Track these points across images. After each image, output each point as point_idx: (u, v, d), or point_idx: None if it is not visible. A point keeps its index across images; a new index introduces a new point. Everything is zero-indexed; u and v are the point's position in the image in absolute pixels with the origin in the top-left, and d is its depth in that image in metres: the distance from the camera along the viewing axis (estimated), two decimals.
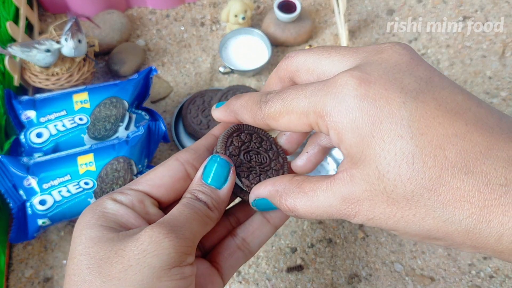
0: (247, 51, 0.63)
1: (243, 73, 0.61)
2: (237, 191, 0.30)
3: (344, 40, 0.60)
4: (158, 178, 0.27)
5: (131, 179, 0.47)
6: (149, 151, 0.51)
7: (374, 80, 0.20)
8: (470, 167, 0.19)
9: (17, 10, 0.59)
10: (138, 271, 0.22)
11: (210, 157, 0.27)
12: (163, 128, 0.52)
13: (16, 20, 0.58)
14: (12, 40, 0.56)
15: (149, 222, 0.25)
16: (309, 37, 0.67)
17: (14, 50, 0.50)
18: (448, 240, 0.20)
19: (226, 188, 0.27)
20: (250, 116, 0.26)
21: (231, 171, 0.27)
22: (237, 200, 0.32)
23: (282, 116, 0.24)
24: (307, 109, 0.22)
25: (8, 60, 0.52)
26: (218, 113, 0.29)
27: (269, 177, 0.29)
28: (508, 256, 0.19)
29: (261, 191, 0.27)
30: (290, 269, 0.49)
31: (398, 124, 0.19)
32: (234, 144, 0.29)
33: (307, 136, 0.31)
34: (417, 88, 0.20)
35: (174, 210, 0.25)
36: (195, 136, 0.57)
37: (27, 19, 0.61)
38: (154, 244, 0.23)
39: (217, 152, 0.29)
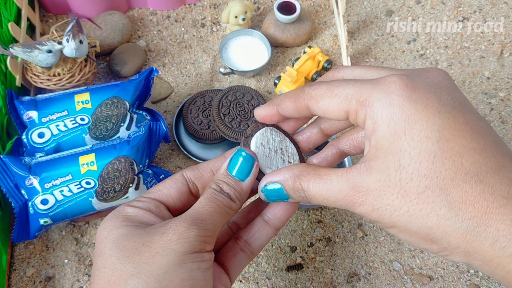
0: (247, 52, 0.63)
1: (243, 73, 0.62)
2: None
3: (343, 41, 0.61)
4: (167, 189, 0.30)
5: (132, 179, 0.47)
6: (150, 151, 0.51)
7: (419, 87, 0.23)
8: (480, 177, 0.21)
9: (18, 11, 0.60)
10: (164, 255, 0.25)
11: (235, 151, 0.29)
12: (164, 128, 0.53)
13: (17, 21, 0.59)
14: (14, 40, 0.56)
15: None
16: (309, 38, 0.67)
17: (16, 50, 0.51)
18: (444, 242, 0.22)
19: (249, 180, 0.29)
20: (291, 101, 0.28)
21: (254, 165, 0.29)
22: (247, 202, 0.34)
23: (324, 98, 0.25)
24: (351, 96, 0.24)
25: (10, 61, 0.52)
26: (260, 110, 0.31)
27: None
28: (496, 266, 0.21)
29: (275, 176, 0.28)
30: (289, 268, 0.49)
31: (430, 127, 0.22)
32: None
33: (326, 139, 0.33)
34: (452, 104, 0.23)
35: (197, 204, 0.28)
36: (195, 136, 0.57)
37: (28, 20, 0.61)
38: (177, 235, 0.25)
39: (244, 146, 0.30)
